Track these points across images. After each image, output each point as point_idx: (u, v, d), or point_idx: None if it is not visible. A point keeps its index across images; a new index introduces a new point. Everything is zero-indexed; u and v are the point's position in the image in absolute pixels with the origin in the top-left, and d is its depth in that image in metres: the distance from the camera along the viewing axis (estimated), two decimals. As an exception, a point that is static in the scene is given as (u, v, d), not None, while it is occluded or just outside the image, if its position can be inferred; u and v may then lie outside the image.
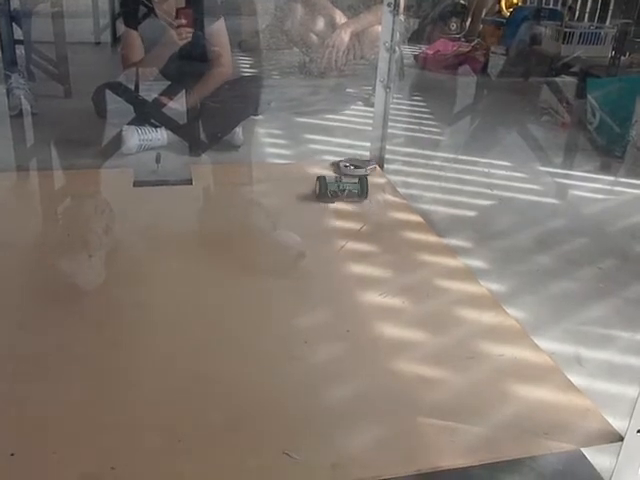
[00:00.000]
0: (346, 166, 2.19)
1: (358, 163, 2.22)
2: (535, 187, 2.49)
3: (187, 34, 2.48)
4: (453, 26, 5.03)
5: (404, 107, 3.44)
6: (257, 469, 1.02)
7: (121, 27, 2.70)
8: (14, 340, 1.30)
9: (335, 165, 2.22)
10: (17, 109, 2.82)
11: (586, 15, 4.65)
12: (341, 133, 2.93)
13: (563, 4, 4.88)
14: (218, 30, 2.69)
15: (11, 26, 3.09)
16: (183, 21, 2.47)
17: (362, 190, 1.99)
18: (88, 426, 1.08)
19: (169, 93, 2.66)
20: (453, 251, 1.78)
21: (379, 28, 2.35)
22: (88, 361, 1.24)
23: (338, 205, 1.97)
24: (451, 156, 2.74)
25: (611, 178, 2.64)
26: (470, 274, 1.65)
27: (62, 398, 1.14)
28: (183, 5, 2.52)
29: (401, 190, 2.13)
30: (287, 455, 1.02)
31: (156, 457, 1.03)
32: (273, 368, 1.26)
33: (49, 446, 1.03)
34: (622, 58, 3.79)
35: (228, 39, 2.74)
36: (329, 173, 2.14)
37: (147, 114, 2.61)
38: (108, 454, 1.02)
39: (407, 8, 4.48)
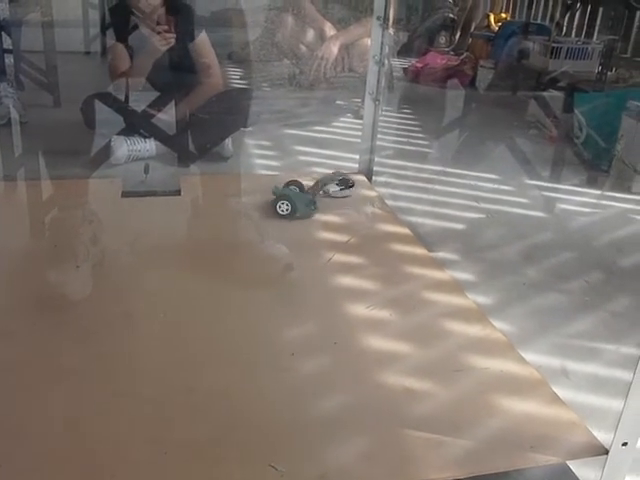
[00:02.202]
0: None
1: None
2: (522, 200, 2.51)
3: (169, 39, 2.48)
4: (442, 40, 5.07)
5: (393, 120, 3.46)
6: (243, 481, 1.02)
7: (111, 39, 2.71)
8: (-1, 351, 1.29)
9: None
10: (5, 118, 2.81)
11: (573, 31, 4.70)
12: (330, 145, 2.94)
13: (551, 19, 4.94)
14: (202, 42, 2.70)
15: (0, 35, 3.09)
16: (164, 27, 2.48)
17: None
18: (74, 438, 1.07)
19: (158, 104, 2.66)
20: (440, 264, 1.78)
21: (368, 41, 2.37)
22: (74, 372, 1.23)
23: (326, 217, 1.97)
24: (439, 169, 2.75)
25: (597, 192, 2.66)
26: (457, 287, 1.66)
27: (47, 410, 1.13)
28: (164, 13, 2.54)
29: (389, 202, 2.14)
30: (273, 467, 1.02)
31: (142, 469, 1.02)
32: (260, 380, 1.25)
33: (35, 459, 1.02)
34: (609, 73, 3.83)
35: (213, 51, 2.75)
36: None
37: (136, 124, 2.61)
38: (94, 466, 1.01)
39: (396, 21, 4.52)
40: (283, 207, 1.91)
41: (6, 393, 1.17)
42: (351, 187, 2.15)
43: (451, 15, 5.14)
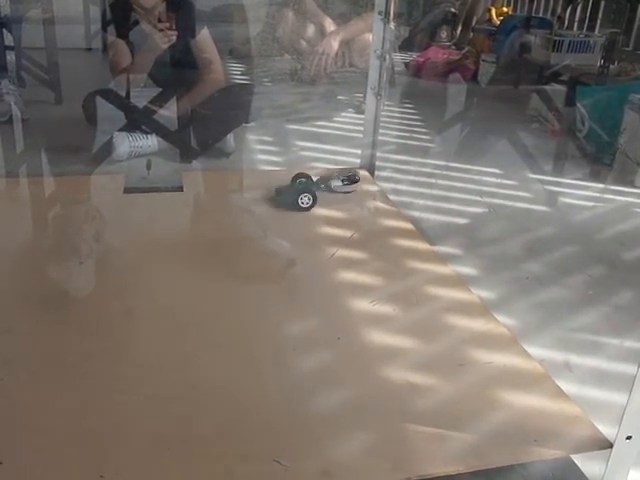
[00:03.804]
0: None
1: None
2: (525, 194, 2.50)
3: (170, 37, 2.48)
4: (444, 34, 5.05)
5: (395, 114, 3.45)
6: (246, 476, 1.02)
7: (112, 35, 2.71)
8: (2, 345, 1.29)
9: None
10: (7, 115, 2.81)
11: (575, 24, 4.68)
12: (332, 140, 2.94)
13: (552, 13, 4.92)
14: (204, 39, 2.69)
15: (1, 32, 3.08)
16: (166, 24, 2.47)
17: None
18: (76, 434, 1.07)
19: (160, 100, 2.65)
20: (443, 258, 1.78)
21: (369, 36, 2.36)
22: (77, 368, 1.24)
23: (328, 212, 1.97)
24: (441, 163, 2.74)
25: (600, 185, 2.65)
26: (460, 281, 1.66)
27: (50, 405, 1.13)
28: (165, 10, 2.53)
29: (392, 197, 2.14)
30: (277, 462, 1.02)
31: (145, 465, 1.02)
32: (263, 375, 1.26)
33: (38, 454, 1.02)
34: (611, 66, 3.82)
35: (215, 47, 2.74)
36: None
37: (138, 121, 2.61)
38: (97, 462, 1.01)
39: (398, 16, 4.50)
40: (304, 200, 1.95)
41: (9, 389, 1.17)
42: (356, 182, 2.14)
43: (452, 9, 5.13)
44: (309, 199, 1.96)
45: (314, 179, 2.09)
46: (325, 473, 1.02)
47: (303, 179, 2.07)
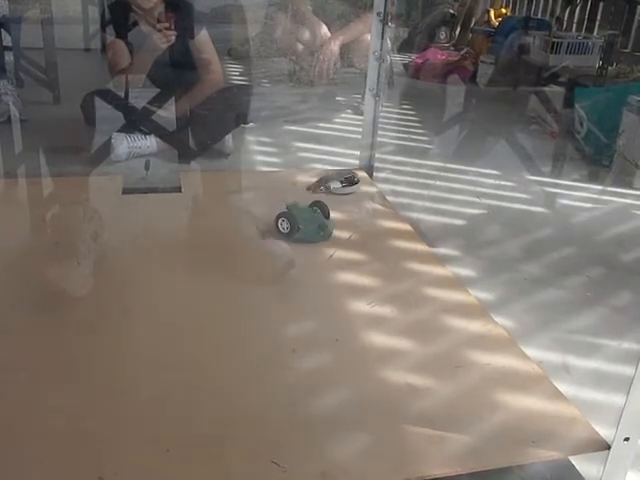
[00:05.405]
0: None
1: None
2: (523, 196, 2.50)
3: (169, 37, 2.48)
4: (442, 35, 5.06)
5: (393, 116, 3.45)
6: (245, 478, 1.02)
7: (111, 35, 2.71)
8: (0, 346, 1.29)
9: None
10: (5, 115, 2.81)
11: (574, 26, 4.69)
12: (330, 141, 2.94)
13: (551, 14, 4.93)
14: (203, 39, 2.70)
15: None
16: (165, 24, 2.48)
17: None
18: (75, 436, 1.07)
19: (158, 100, 2.65)
20: (442, 259, 1.78)
21: (369, 37, 2.36)
22: (75, 369, 1.23)
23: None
24: (440, 165, 2.75)
25: (599, 187, 2.66)
26: (458, 283, 1.66)
27: (48, 407, 1.13)
28: (164, 10, 2.54)
29: (390, 198, 2.14)
30: (275, 464, 1.02)
31: (144, 467, 1.02)
32: (262, 377, 1.25)
33: (35, 457, 1.02)
34: (609, 68, 3.83)
35: (214, 48, 2.74)
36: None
37: (136, 121, 2.61)
38: (95, 464, 1.01)
39: (397, 17, 4.50)
40: (284, 225, 1.80)
41: (6, 391, 1.17)
42: (355, 184, 2.13)
43: (451, 11, 5.13)
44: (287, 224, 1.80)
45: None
46: (324, 474, 1.02)
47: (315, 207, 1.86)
